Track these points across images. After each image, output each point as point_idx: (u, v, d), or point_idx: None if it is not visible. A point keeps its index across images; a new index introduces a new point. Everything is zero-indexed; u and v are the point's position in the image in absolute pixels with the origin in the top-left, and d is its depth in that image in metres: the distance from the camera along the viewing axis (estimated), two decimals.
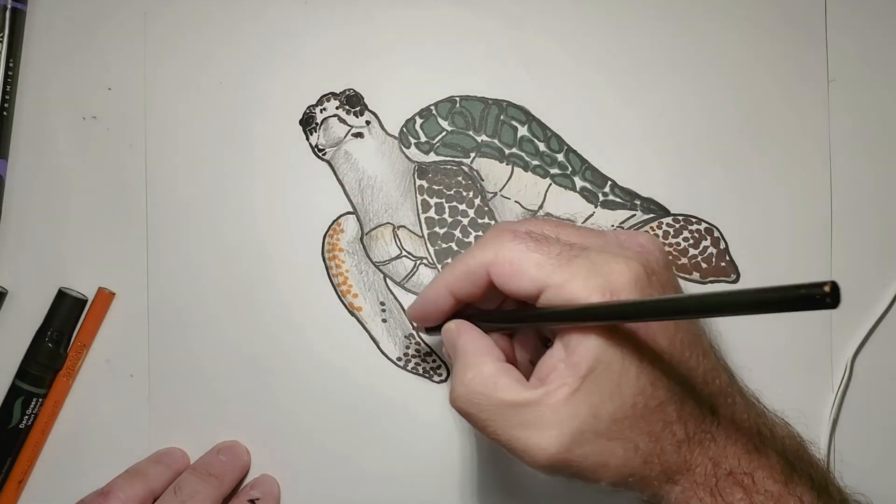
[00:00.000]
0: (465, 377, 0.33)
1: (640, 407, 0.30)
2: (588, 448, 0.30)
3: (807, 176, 0.42)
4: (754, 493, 0.32)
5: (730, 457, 0.32)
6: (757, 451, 0.32)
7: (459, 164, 0.43)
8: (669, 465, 0.31)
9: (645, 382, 0.30)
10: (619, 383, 0.30)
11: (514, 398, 0.31)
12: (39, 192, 0.44)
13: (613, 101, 0.42)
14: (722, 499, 0.31)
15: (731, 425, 0.32)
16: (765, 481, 0.32)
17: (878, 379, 0.42)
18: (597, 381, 0.30)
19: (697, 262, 0.42)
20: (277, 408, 0.43)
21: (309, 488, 0.43)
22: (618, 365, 0.30)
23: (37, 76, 0.44)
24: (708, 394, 0.32)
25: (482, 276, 0.33)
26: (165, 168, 0.44)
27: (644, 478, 0.31)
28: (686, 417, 0.31)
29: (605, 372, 0.30)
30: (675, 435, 0.31)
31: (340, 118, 0.43)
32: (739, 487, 0.32)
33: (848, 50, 0.42)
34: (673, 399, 0.31)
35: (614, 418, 0.30)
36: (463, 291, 0.34)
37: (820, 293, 0.21)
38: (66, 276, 0.44)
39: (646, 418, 0.31)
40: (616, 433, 0.30)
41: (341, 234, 0.43)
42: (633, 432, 0.30)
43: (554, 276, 0.31)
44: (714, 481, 0.31)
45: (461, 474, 0.43)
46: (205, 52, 0.44)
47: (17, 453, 0.43)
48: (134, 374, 0.44)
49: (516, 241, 0.32)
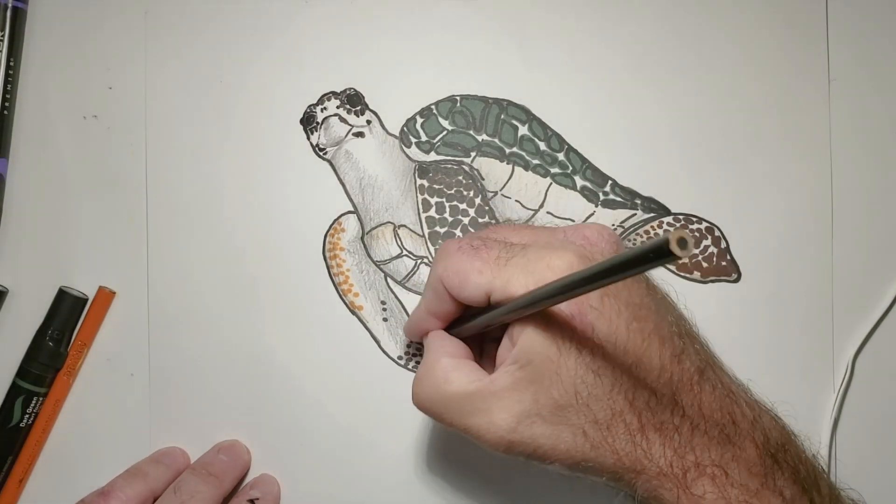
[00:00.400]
0: (420, 376, 0.35)
1: (584, 395, 0.31)
2: (535, 430, 0.31)
3: (807, 175, 0.42)
4: (727, 487, 0.31)
5: (697, 448, 0.32)
6: (731, 442, 0.32)
7: (460, 163, 0.43)
8: (625, 453, 0.31)
9: (586, 371, 0.31)
10: (557, 371, 0.31)
11: (462, 389, 0.33)
12: (40, 191, 0.44)
13: (614, 101, 0.42)
14: (690, 491, 0.31)
15: (699, 416, 0.32)
16: (740, 474, 0.31)
17: (879, 378, 0.42)
18: (536, 370, 0.31)
19: (698, 261, 0.42)
20: (278, 407, 0.43)
21: (309, 487, 0.43)
22: (555, 354, 0.31)
23: (37, 75, 0.44)
24: (668, 383, 0.32)
25: (442, 290, 0.34)
26: (166, 167, 0.44)
27: (599, 464, 0.32)
28: (640, 407, 0.31)
29: (543, 361, 0.31)
30: (628, 424, 0.31)
31: (341, 117, 0.43)
32: (709, 479, 0.31)
33: (849, 50, 0.42)
34: (620, 388, 0.31)
35: (557, 405, 0.31)
36: (437, 309, 0.36)
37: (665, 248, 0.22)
38: (67, 275, 0.44)
39: (590, 406, 0.31)
40: (560, 419, 0.31)
41: (342, 233, 0.43)
42: (579, 419, 0.31)
43: (495, 279, 0.32)
44: (680, 473, 0.31)
45: (462, 473, 0.43)
46: (205, 52, 0.44)
47: (17, 452, 0.43)
48: (134, 372, 0.44)
49: (459, 253, 0.34)
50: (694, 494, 0.31)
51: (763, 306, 0.42)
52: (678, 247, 0.22)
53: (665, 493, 0.31)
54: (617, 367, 0.31)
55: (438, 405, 0.34)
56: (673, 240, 0.22)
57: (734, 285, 0.42)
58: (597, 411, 0.31)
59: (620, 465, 0.31)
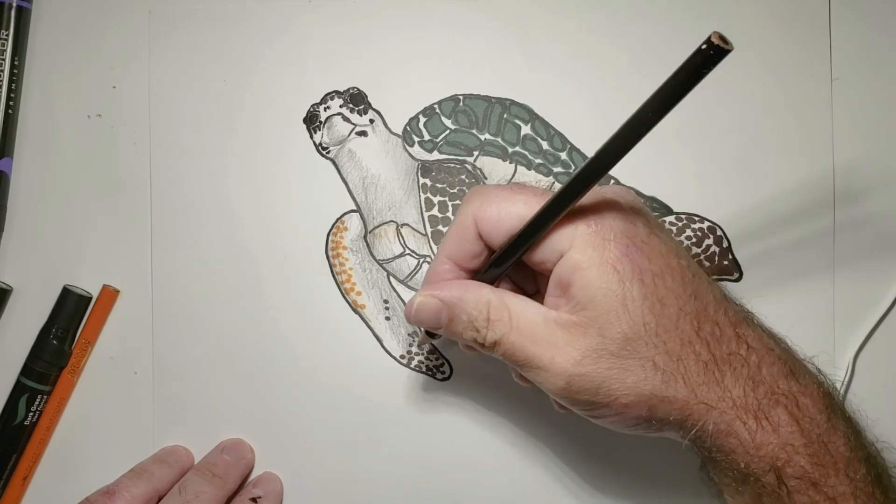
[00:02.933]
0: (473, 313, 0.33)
1: (653, 325, 0.30)
2: (602, 364, 0.30)
3: (809, 174, 0.42)
4: (801, 420, 0.30)
5: (767, 378, 0.31)
6: (794, 376, 0.31)
7: (463, 162, 0.43)
8: (698, 384, 0.30)
9: (653, 300, 0.30)
10: (624, 303, 0.30)
11: (527, 318, 0.32)
12: (44, 190, 0.44)
13: (616, 100, 0.42)
14: (767, 421, 0.30)
15: (763, 348, 0.31)
16: (809, 409, 0.31)
17: (880, 378, 0.42)
18: (601, 306, 0.30)
19: (700, 260, 0.42)
20: (281, 405, 0.43)
21: (312, 485, 0.43)
22: (618, 287, 0.30)
23: (42, 74, 0.44)
24: (725, 316, 0.32)
25: (471, 228, 0.33)
26: (169, 166, 0.44)
27: (670, 399, 0.30)
28: (707, 337, 0.31)
29: (607, 295, 0.30)
30: (699, 355, 0.30)
31: (344, 116, 0.43)
32: (784, 409, 0.30)
33: (851, 49, 0.42)
34: (686, 317, 0.31)
35: (626, 338, 0.30)
36: (458, 251, 0.34)
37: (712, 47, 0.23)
38: (71, 274, 0.44)
39: (660, 336, 0.30)
40: (629, 352, 0.30)
41: (345, 232, 0.43)
42: (649, 350, 0.30)
43: (538, 208, 0.31)
44: (756, 403, 0.30)
45: (463, 472, 0.43)
46: (209, 51, 0.44)
47: (21, 450, 0.43)
48: (138, 371, 0.44)
49: (498, 191, 0.33)
50: (771, 423, 0.30)
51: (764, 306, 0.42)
52: (723, 42, 0.22)
53: (739, 427, 0.31)
54: (680, 297, 0.31)
55: (500, 329, 0.32)
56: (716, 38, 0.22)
57: (736, 285, 0.42)
58: (667, 341, 0.30)
59: (693, 399, 0.31)
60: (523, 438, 0.42)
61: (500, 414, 0.42)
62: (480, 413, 0.43)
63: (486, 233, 0.33)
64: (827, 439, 0.31)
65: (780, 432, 0.30)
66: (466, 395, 0.43)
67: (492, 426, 0.43)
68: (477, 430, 0.43)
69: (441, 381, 0.43)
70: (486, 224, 0.33)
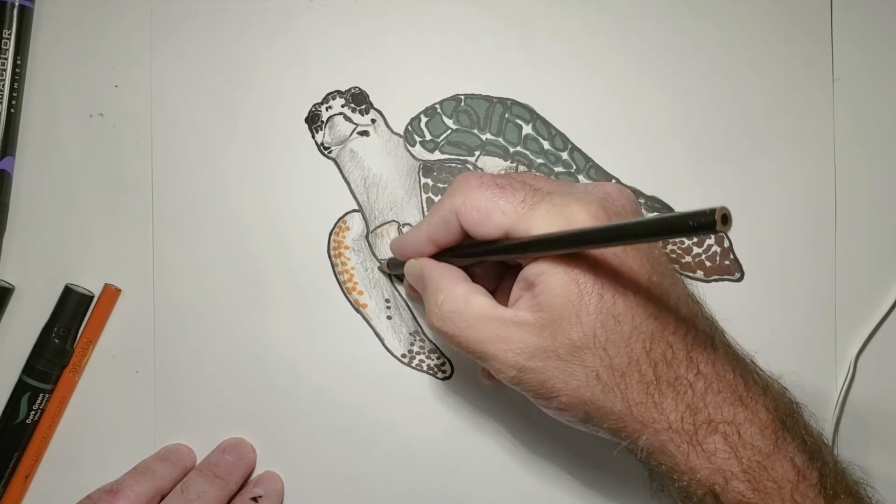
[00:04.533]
0: (439, 299, 0.34)
1: (602, 339, 0.31)
2: (549, 364, 0.32)
3: (811, 175, 0.42)
4: (739, 448, 0.31)
5: (710, 406, 0.31)
6: (743, 404, 0.32)
7: (464, 162, 0.43)
8: (635, 403, 0.31)
9: (606, 316, 0.31)
10: (577, 314, 0.31)
11: (484, 313, 0.33)
12: (46, 189, 0.44)
13: (618, 100, 0.43)
14: (701, 448, 0.31)
15: (713, 375, 0.32)
16: (752, 435, 0.31)
17: (881, 378, 0.42)
18: (557, 311, 0.31)
19: (701, 260, 0.42)
20: (282, 404, 0.43)
21: (313, 484, 0.43)
22: (576, 297, 0.31)
23: (44, 73, 0.44)
24: (683, 339, 0.32)
25: (454, 222, 0.34)
26: (171, 165, 0.44)
27: (606, 409, 0.32)
28: (656, 359, 0.31)
29: (564, 303, 0.31)
30: (643, 374, 0.31)
31: (346, 116, 0.43)
32: (721, 437, 0.31)
33: (853, 49, 0.42)
34: (639, 337, 0.31)
35: (575, 345, 0.31)
36: (441, 238, 0.36)
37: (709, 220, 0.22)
38: (73, 273, 0.44)
39: (608, 350, 0.31)
40: (576, 358, 0.31)
41: (347, 231, 0.43)
42: (594, 361, 0.31)
43: (519, 222, 0.32)
44: (692, 429, 0.31)
45: (464, 471, 0.43)
46: (211, 50, 0.44)
47: (23, 448, 0.43)
48: (140, 370, 0.44)
49: (482, 189, 0.34)
50: (705, 451, 0.31)
51: (766, 306, 0.42)
52: (722, 223, 0.22)
53: (673, 449, 0.31)
54: (637, 316, 0.31)
55: (459, 327, 0.34)
56: (719, 215, 0.22)
57: (737, 284, 0.42)
58: (613, 356, 0.31)
59: (628, 415, 0.31)
60: (524, 438, 0.42)
61: (500, 413, 0.43)
62: (481, 412, 0.43)
63: (467, 229, 0.34)
64: (770, 465, 0.31)
65: (713, 459, 0.31)
66: (467, 395, 0.43)
67: (492, 425, 0.43)
68: (477, 430, 0.43)
69: (442, 381, 0.43)
70: (465, 222, 0.34)
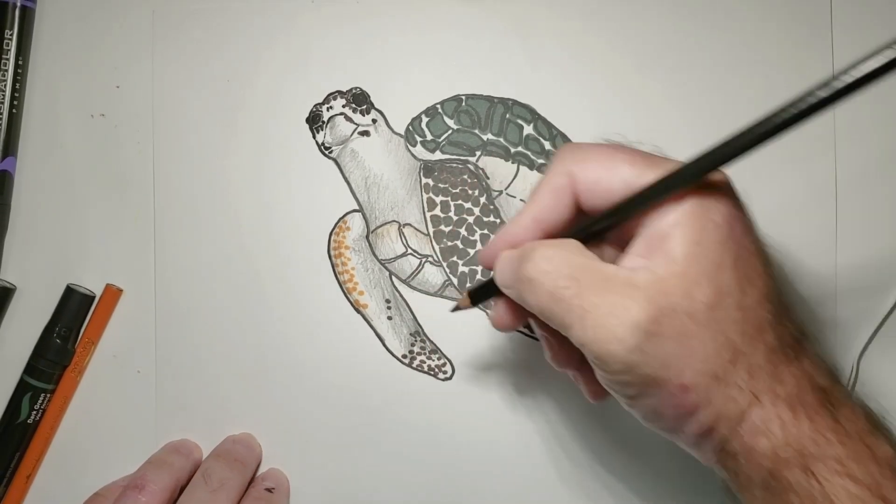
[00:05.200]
0: (547, 252, 0.29)
1: (737, 299, 0.28)
2: (678, 325, 0.27)
3: (812, 175, 0.42)
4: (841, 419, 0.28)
5: (822, 376, 0.29)
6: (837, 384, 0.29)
7: (465, 162, 0.43)
8: (756, 370, 0.28)
9: (743, 275, 0.28)
10: (717, 269, 0.27)
11: (599, 266, 0.28)
12: (48, 189, 0.44)
13: (618, 100, 0.42)
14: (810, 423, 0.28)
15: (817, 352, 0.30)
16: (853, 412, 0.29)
17: (884, 379, 0.42)
18: (692, 265, 0.27)
19: None
20: (283, 404, 0.43)
21: (315, 483, 0.43)
22: (715, 247, 0.28)
23: (46, 74, 0.45)
24: (793, 322, 0.30)
25: (566, 189, 0.30)
26: (173, 165, 0.44)
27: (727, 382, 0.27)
28: (783, 321, 0.29)
29: (702, 255, 0.27)
30: (766, 342, 0.28)
31: (347, 116, 0.43)
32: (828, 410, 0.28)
33: (853, 48, 0.42)
34: (769, 299, 0.28)
35: (709, 304, 0.27)
36: (549, 216, 0.31)
37: None
38: (74, 273, 0.44)
39: (742, 312, 0.28)
40: (709, 320, 0.27)
41: (347, 231, 0.43)
42: (727, 324, 0.27)
43: (647, 173, 0.29)
44: (809, 397, 0.28)
45: (465, 471, 0.43)
46: (212, 51, 0.44)
47: (25, 448, 0.44)
48: (141, 369, 0.44)
49: (597, 147, 0.30)
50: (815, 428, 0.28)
51: None
52: None
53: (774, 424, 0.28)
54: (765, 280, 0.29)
55: (565, 276, 0.28)
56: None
57: None
58: (747, 320, 0.28)
59: (746, 383, 0.28)
60: (525, 439, 0.42)
61: (501, 414, 0.43)
62: (482, 413, 0.43)
63: (584, 190, 0.30)
64: (870, 442, 0.28)
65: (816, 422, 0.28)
66: (468, 395, 0.43)
67: (493, 426, 0.43)
68: (478, 430, 0.43)
69: (443, 381, 0.43)
70: (584, 185, 0.29)
